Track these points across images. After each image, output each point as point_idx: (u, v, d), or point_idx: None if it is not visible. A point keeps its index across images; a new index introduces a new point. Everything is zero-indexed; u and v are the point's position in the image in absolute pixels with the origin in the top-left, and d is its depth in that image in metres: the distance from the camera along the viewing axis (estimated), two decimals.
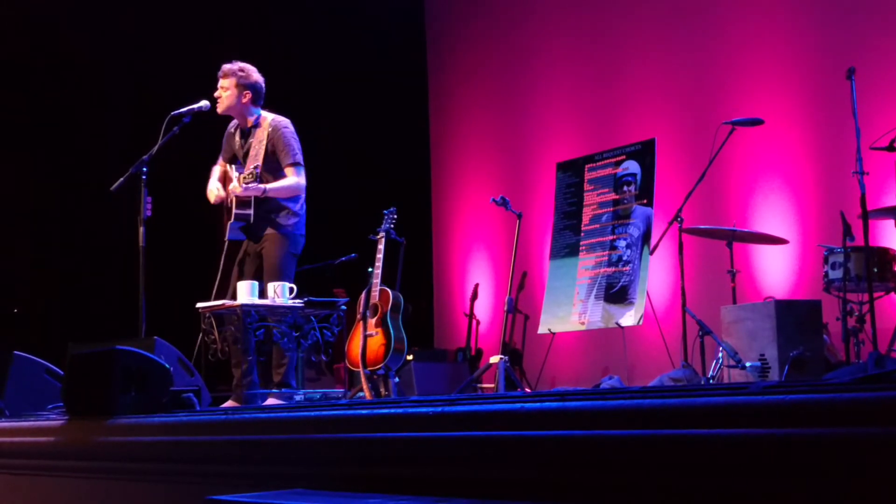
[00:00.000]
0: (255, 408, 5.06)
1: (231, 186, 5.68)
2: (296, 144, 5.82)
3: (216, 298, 5.71)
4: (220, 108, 5.87)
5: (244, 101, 5.84)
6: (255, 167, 5.70)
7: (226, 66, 5.87)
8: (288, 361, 5.69)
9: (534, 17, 9.80)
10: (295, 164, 5.78)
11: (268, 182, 5.74)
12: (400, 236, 6.81)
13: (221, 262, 5.89)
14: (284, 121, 5.89)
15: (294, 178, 5.78)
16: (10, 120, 8.76)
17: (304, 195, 5.90)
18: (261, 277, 5.73)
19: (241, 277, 5.79)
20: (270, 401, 5.45)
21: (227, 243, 5.86)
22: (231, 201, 5.76)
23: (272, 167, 5.80)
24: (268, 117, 5.88)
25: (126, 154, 6.17)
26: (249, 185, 5.63)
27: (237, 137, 5.96)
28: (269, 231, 5.79)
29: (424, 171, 10.72)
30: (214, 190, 5.86)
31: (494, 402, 2.99)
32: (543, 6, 9.73)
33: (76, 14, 8.98)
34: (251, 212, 5.72)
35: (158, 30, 9.25)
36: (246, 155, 5.86)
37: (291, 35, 10.06)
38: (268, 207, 5.77)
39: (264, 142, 5.79)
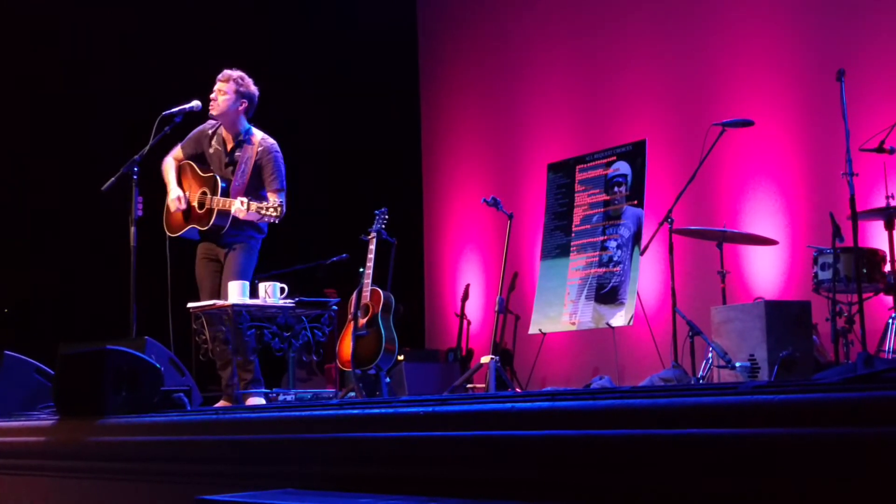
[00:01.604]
0: (246, 407, 5.06)
1: (234, 209, 5.65)
2: (284, 170, 5.89)
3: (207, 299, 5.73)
4: (215, 111, 5.87)
5: (240, 109, 5.85)
6: (244, 199, 5.68)
7: (227, 71, 5.88)
8: (254, 365, 5.69)
9: (525, 19, 9.81)
10: (280, 191, 5.83)
11: (249, 198, 5.75)
12: (391, 237, 6.81)
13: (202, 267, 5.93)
14: (274, 144, 5.93)
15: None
16: (2, 120, 8.74)
17: None
18: (219, 280, 5.77)
19: (203, 279, 5.85)
20: (252, 400, 5.45)
21: (198, 246, 5.88)
22: (207, 210, 5.77)
23: (255, 184, 5.84)
24: (258, 135, 5.90)
25: (117, 154, 6.16)
26: (250, 213, 5.63)
27: (214, 142, 5.95)
28: (239, 242, 5.83)
29: (416, 171, 10.72)
30: (177, 203, 5.87)
31: (485, 402, 3.00)
32: (535, 8, 9.73)
33: (69, 13, 8.95)
34: (227, 223, 5.74)
35: (151, 29, 9.23)
36: (230, 165, 5.86)
37: (285, 36, 10.05)
38: (242, 222, 5.79)
39: (252, 159, 5.82)
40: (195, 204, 5.86)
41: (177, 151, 6.02)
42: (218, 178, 5.81)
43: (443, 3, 10.87)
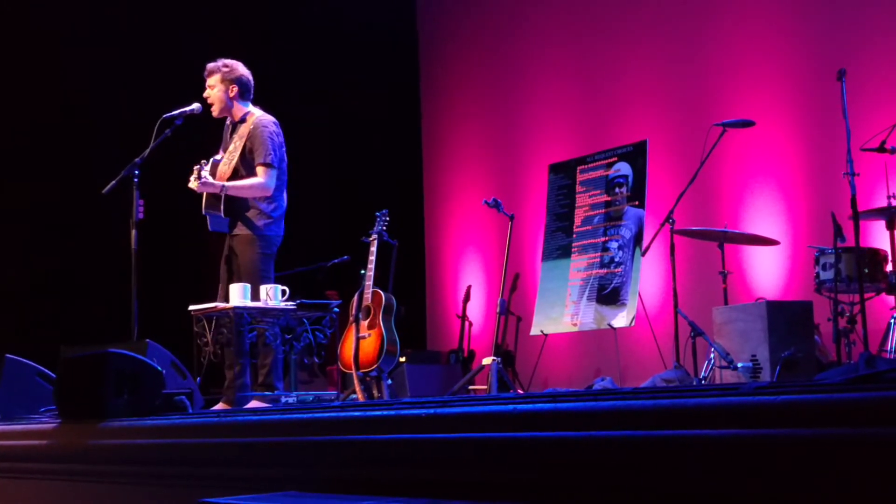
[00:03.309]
0: (247, 410, 5.05)
1: (190, 183, 5.64)
2: (271, 145, 5.70)
3: (220, 300, 5.70)
4: (214, 111, 5.85)
5: (231, 94, 5.80)
6: (205, 162, 5.64)
7: (210, 65, 5.84)
8: (272, 361, 5.65)
9: (526, 19, 9.81)
10: (266, 165, 5.67)
11: (242, 178, 5.69)
12: (392, 238, 6.81)
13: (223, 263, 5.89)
14: (268, 119, 5.79)
15: (260, 179, 5.67)
16: (3, 121, 8.74)
17: (281, 199, 5.83)
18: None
19: (224, 277, 5.80)
20: (254, 403, 5.44)
21: (226, 244, 5.85)
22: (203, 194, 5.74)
23: (249, 164, 5.75)
24: (255, 114, 5.83)
25: (118, 157, 6.16)
26: (205, 182, 5.57)
27: (230, 132, 5.94)
28: (240, 231, 5.74)
29: (417, 172, 10.72)
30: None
31: (487, 404, 2.99)
32: (535, 9, 9.73)
33: (67, 15, 8.96)
34: (220, 209, 5.68)
35: (151, 32, 9.24)
36: (233, 152, 5.84)
37: (284, 38, 10.05)
38: (238, 206, 5.72)
39: (244, 138, 5.75)
40: None
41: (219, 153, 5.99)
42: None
43: (443, 3, 10.87)
